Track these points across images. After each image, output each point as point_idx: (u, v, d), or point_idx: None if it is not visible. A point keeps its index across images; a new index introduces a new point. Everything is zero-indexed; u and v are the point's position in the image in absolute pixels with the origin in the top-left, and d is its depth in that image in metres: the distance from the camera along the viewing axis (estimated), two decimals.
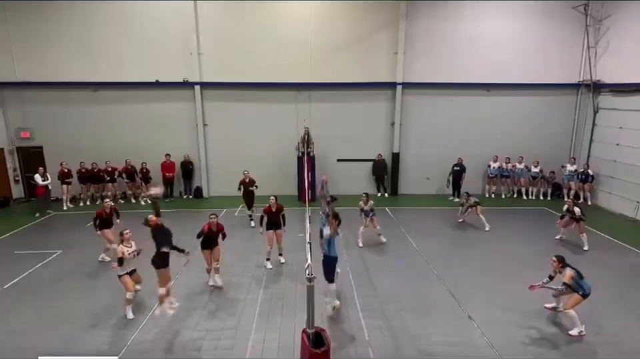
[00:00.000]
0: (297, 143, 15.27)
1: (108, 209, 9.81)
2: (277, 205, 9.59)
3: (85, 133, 15.56)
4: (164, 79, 15.27)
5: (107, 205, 9.91)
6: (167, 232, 7.58)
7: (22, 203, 15.58)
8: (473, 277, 9.14)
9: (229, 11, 15.03)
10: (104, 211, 9.74)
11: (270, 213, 9.50)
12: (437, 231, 12.18)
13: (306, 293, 5.45)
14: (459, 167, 15.49)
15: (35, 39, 14.78)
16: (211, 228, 8.39)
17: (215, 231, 8.43)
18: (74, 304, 7.90)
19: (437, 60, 15.60)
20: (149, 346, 6.57)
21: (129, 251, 7.44)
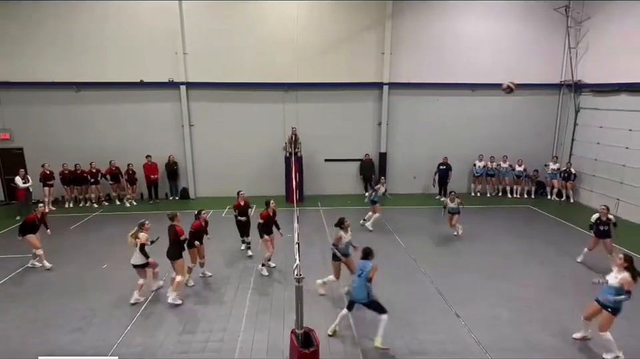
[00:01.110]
0: (285, 143, 15.23)
1: (39, 214, 9.53)
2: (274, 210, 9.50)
3: (67, 134, 15.24)
4: (149, 79, 15.06)
5: (40, 210, 9.64)
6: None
7: (2, 206, 15.18)
8: (460, 274, 9.25)
9: (215, 10, 14.91)
10: (35, 215, 9.47)
11: (269, 217, 9.19)
12: (424, 230, 12.30)
13: (295, 294, 5.44)
14: (445, 166, 15.67)
15: (13, 37, 14.40)
16: (202, 224, 8.53)
17: (204, 226, 8.61)
18: (57, 308, 7.73)
19: (423, 60, 15.76)
20: (135, 349, 6.47)
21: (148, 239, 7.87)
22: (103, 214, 14.04)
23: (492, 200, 15.95)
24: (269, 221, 9.15)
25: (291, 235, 8.92)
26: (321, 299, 8.07)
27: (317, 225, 12.74)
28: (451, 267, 9.60)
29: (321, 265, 9.68)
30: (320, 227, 12.49)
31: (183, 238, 7.97)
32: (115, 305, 7.80)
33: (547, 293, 8.32)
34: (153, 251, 8.01)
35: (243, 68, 15.22)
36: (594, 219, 9.21)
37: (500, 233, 12.12)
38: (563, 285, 8.63)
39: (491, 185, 16.52)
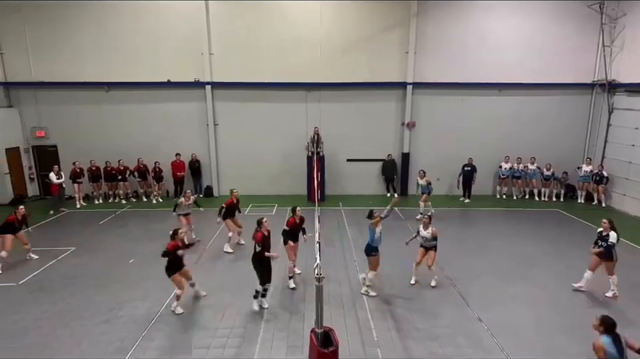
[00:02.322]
0: (307, 142, 15.29)
1: (20, 216, 9.57)
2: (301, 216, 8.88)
3: (97, 133, 15.81)
4: (175, 79, 15.42)
5: (21, 211, 9.63)
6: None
7: (37, 200, 15.89)
8: (483, 278, 9.06)
9: (240, 10, 15.11)
10: (16, 217, 9.50)
11: (295, 224, 8.67)
12: (446, 232, 12.06)
13: (315, 293, 5.45)
14: (470, 167, 15.35)
15: (50, 39, 15.06)
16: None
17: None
18: (86, 300, 8.03)
19: (448, 59, 15.49)
20: (159, 343, 6.65)
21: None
22: (130, 210, 14.48)
23: (518, 203, 15.52)
24: (295, 228, 8.67)
25: (312, 235, 8.96)
26: (341, 299, 8.06)
27: (337, 225, 12.74)
28: (475, 271, 9.41)
29: (341, 264, 9.69)
30: (341, 227, 12.48)
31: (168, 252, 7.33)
32: (140, 298, 8.04)
33: (573, 298, 8.07)
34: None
35: (266, 68, 15.37)
36: (598, 232, 8.28)
37: (526, 236, 11.78)
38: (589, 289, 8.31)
39: (517, 188, 16.07)
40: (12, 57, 15.20)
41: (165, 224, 12.58)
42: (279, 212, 14.02)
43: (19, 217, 9.47)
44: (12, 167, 15.35)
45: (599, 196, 14.91)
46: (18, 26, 14.91)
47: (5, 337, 6.82)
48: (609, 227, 7.99)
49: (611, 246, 7.83)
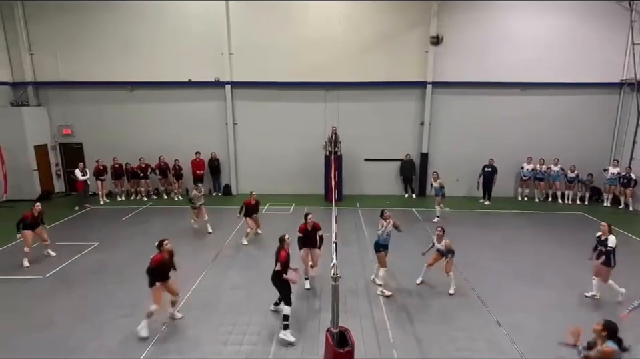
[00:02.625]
0: (324, 142, 15.30)
1: (36, 213, 9.69)
2: (314, 222, 8.46)
3: (121, 131, 16.23)
4: (196, 79, 15.68)
5: (37, 209, 9.70)
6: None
7: (63, 196, 16.43)
8: (502, 281, 8.88)
9: (259, 10, 15.22)
10: (32, 213, 9.59)
11: (305, 230, 8.41)
12: (465, 234, 11.90)
13: (331, 293, 5.46)
14: (490, 168, 15.06)
15: (77, 40, 15.53)
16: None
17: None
18: (108, 294, 8.25)
19: (468, 59, 15.24)
20: (177, 338, 6.77)
21: None
22: (151, 207, 14.81)
23: (540, 205, 15.15)
24: (305, 234, 8.41)
25: (328, 234, 8.97)
26: (358, 299, 8.05)
27: (354, 224, 12.71)
28: (494, 274, 9.24)
29: (357, 264, 9.67)
30: (358, 228, 12.45)
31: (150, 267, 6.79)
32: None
33: (595, 304, 7.83)
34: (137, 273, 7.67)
35: (285, 67, 15.45)
36: (597, 236, 8.01)
37: (548, 239, 11.50)
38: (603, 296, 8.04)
39: (539, 190, 15.68)
40: (41, 57, 15.75)
41: (185, 221, 12.86)
42: (295, 211, 14.08)
43: (34, 214, 9.61)
44: (40, 163, 15.91)
45: (626, 199, 14.42)
46: (47, 28, 15.45)
47: (31, 327, 7.08)
48: (607, 231, 7.77)
49: (610, 251, 7.60)
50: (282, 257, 6.78)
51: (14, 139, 15.11)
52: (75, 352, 6.38)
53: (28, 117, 15.41)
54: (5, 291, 8.40)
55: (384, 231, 8.16)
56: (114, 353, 6.37)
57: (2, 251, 10.51)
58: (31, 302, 7.94)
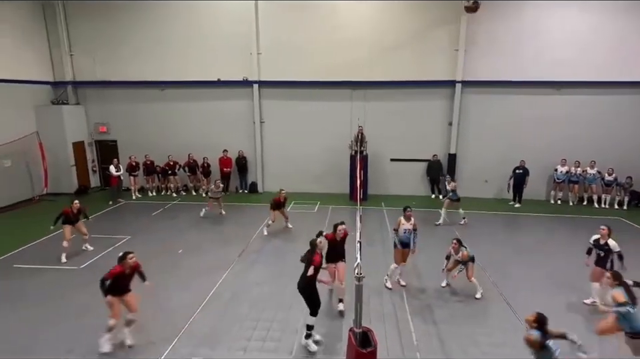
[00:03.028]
0: (350, 141, 15.27)
1: (75, 210, 10.00)
2: (345, 231, 7.69)
3: (152, 129, 16.79)
4: (225, 78, 15.98)
5: (75, 206, 10.02)
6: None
7: (98, 191, 17.15)
8: (532, 286, 8.61)
9: (288, 10, 15.34)
10: (71, 210, 9.93)
11: (334, 241, 7.62)
12: (494, 237, 11.61)
13: (354, 293, 5.46)
14: (522, 170, 14.59)
15: (113, 41, 16.18)
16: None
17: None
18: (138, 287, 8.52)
19: (500, 57, 14.81)
20: (203, 331, 6.94)
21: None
22: (180, 203, 15.23)
23: (575, 209, 14.54)
24: (334, 245, 7.60)
25: (353, 234, 8.95)
26: (381, 300, 8.00)
27: (379, 225, 12.63)
28: (523, 278, 8.96)
29: (382, 264, 9.59)
30: (383, 228, 12.36)
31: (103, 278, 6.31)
32: (187, 288, 8.45)
33: None
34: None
35: (312, 66, 15.51)
36: (592, 240, 7.75)
37: (582, 244, 10.95)
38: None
39: (573, 193, 15.05)
40: (80, 58, 16.49)
41: (212, 217, 13.16)
42: (320, 210, 14.14)
43: (74, 211, 10.01)
44: (77, 159, 16.68)
45: None
46: (86, 29, 16.17)
47: (68, 314, 7.47)
48: (607, 235, 7.45)
49: (619, 255, 7.32)
50: (316, 261, 6.25)
51: (54, 136, 15.92)
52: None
53: (67, 115, 16.18)
54: (45, 280, 8.86)
55: (400, 229, 8.28)
56: (143, 343, 6.58)
57: (42, 242, 11.10)
58: (68, 291, 8.35)
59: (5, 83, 14.32)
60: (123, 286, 6.45)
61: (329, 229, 11.80)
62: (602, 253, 7.51)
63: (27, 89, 15.34)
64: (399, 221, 8.42)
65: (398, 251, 8.45)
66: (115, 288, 6.35)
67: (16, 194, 14.81)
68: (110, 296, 6.29)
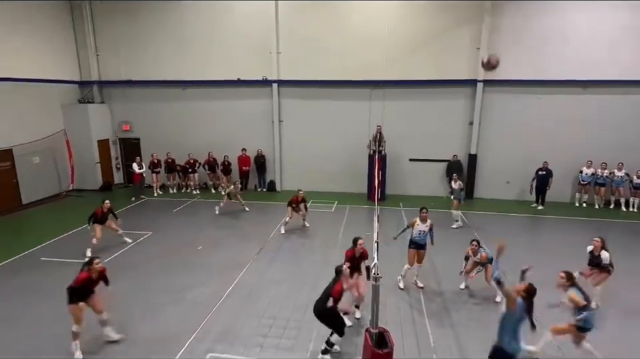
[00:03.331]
0: (369, 141, 15.20)
1: (105, 209, 10.33)
2: (363, 249, 7.37)
3: (174, 127, 17.12)
4: (245, 77, 16.14)
5: (106, 206, 10.35)
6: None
7: (121, 188, 17.61)
8: (553, 291, 8.35)
9: (308, 10, 15.37)
10: (102, 210, 10.28)
11: (352, 258, 7.28)
12: (515, 239, 11.34)
13: (371, 292, 5.44)
14: (545, 171, 14.22)
15: (137, 41, 16.56)
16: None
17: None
18: (158, 281, 8.76)
19: (524, 55, 14.44)
20: (220, 327, 7.04)
21: None
22: (200, 200, 15.48)
23: (601, 212, 14.07)
24: (352, 262, 7.16)
25: (370, 234, 8.93)
26: (398, 301, 7.95)
27: (397, 225, 12.50)
28: (545, 282, 8.64)
29: (398, 265, 9.52)
30: (400, 228, 12.21)
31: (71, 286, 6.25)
32: (206, 283, 8.59)
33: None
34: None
35: (331, 66, 15.50)
36: (588, 251, 7.85)
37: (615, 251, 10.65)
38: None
39: (599, 196, 14.58)
40: (106, 58, 16.96)
41: (231, 214, 13.34)
42: (337, 210, 14.14)
43: (104, 210, 10.37)
44: (102, 156, 17.15)
45: None
46: (111, 29, 16.61)
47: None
48: (600, 247, 7.55)
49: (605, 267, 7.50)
50: (336, 292, 5.90)
51: (80, 134, 16.42)
52: (130, 331, 6.84)
53: (93, 114, 16.66)
54: (69, 274, 9.13)
55: (415, 230, 8.27)
56: (162, 337, 6.74)
57: (68, 236, 11.48)
58: None
59: (35, 83, 14.85)
60: (89, 291, 6.39)
61: (345, 228, 11.87)
62: (598, 262, 7.65)
63: (56, 88, 15.88)
64: (414, 221, 8.42)
65: (411, 252, 8.41)
66: (81, 294, 6.27)
67: (44, 189, 15.35)
68: (73, 304, 6.17)
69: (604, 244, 7.62)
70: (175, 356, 6.25)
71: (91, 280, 6.39)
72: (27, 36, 14.54)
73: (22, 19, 14.30)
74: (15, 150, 14.04)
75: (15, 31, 14.04)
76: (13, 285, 8.60)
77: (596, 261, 7.61)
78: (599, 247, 7.61)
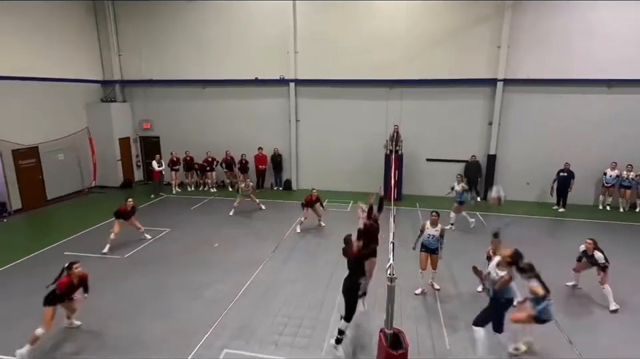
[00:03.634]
0: (386, 140, 15.10)
1: (129, 207, 10.58)
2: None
3: (193, 126, 17.39)
4: (262, 77, 16.26)
5: (129, 204, 10.60)
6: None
7: (141, 185, 17.99)
8: (575, 296, 8.17)
9: (325, 9, 15.38)
10: (125, 208, 10.52)
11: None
12: (535, 242, 11.08)
13: (386, 293, 5.42)
14: (567, 173, 13.86)
15: (158, 41, 16.90)
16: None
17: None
18: (176, 277, 8.92)
19: (546, 54, 14.12)
20: (236, 325, 7.13)
21: None
22: (217, 198, 15.68)
23: (626, 216, 13.63)
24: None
25: (385, 235, 8.87)
26: (413, 302, 7.90)
27: (412, 225, 12.42)
28: (569, 291, 8.52)
29: (414, 265, 9.43)
30: (416, 228, 12.10)
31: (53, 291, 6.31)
32: (222, 281, 8.71)
33: None
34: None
35: (348, 65, 15.47)
36: (580, 251, 8.18)
37: (634, 254, 10.33)
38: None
39: (625, 199, 14.12)
40: (127, 57, 17.35)
41: (247, 213, 13.47)
42: (353, 209, 14.09)
43: (128, 209, 10.64)
44: (123, 154, 17.56)
45: None
46: (133, 30, 16.99)
47: (109, 300, 7.91)
48: (592, 248, 7.84)
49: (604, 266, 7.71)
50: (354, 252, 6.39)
51: (103, 132, 16.85)
52: (148, 325, 7.00)
53: (115, 112, 17.08)
54: (90, 268, 9.38)
55: (425, 234, 8.20)
56: (179, 332, 6.87)
57: (90, 232, 11.80)
58: (111, 278, 8.84)
59: (61, 82, 15.30)
60: (69, 295, 6.49)
61: None
62: (590, 263, 7.97)
63: (80, 88, 16.33)
64: (423, 224, 8.32)
65: (422, 255, 8.25)
66: (61, 298, 6.36)
67: (67, 186, 15.81)
68: (49, 306, 6.17)
69: (596, 245, 7.90)
70: (191, 351, 6.36)
71: (72, 285, 6.46)
72: (53, 37, 15.00)
73: (48, 21, 14.76)
74: (40, 147, 14.50)
75: (42, 32, 14.50)
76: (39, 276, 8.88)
77: (590, 261, 7.93)
78: (591, 249, 7.87)
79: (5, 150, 13.28)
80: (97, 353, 6.32)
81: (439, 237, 8.13)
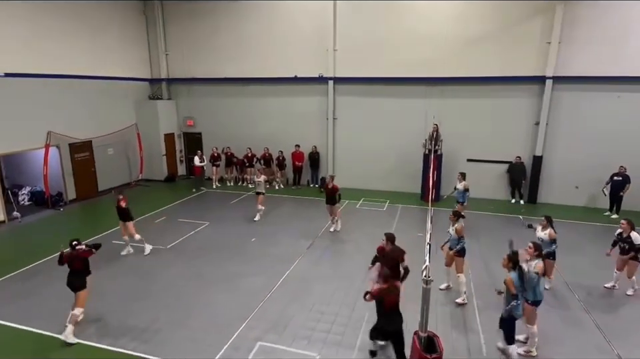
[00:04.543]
0: (425, 139, 14.79)
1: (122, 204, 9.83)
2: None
3: (233, 123, 17.86)
4: (301, 75, 16.41)
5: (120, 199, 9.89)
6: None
7: (184, 179, 18.73)
8: (628, 308, 7.65)
9: (365, 7, 15.24)
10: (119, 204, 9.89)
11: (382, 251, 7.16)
12: (582, 249, 10.51)
13: (421, 295, 5.33)
14: (621, 177, 12.95)
15: (201, 40, 17.49)
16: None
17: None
18: (214, 268, 9.23)
19: (601, 50, 13.21)
20: (270, 318, 7.27)
21: None
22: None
23: None
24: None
25: (422, 235, 8.71)
26: (450, 306, 7.71)
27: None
28: (616, 298, 8.00)
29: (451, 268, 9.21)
30: None
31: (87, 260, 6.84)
32: (258, 274, 8.92)
33: None
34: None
35: (387, 63, 15.28)
36: (616, 234, 8.01)
37: None
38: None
39: None
40: (173, 56, 18.11)
41: (283, 209, 13.66)
42: (389, 209, 13.95)
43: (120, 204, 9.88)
44: (167, 149, 18.34)
45: None
46: (179, 30, 17.70)
47: (153, 289, 8.33)
48: (628, 228, 7.67)
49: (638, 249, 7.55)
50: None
51: (150, 128, 17.69)
52: (184, 315, 7.30)
53: (161, 109, 17.88)
54: (134, 256, 9.96)
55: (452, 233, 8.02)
56: (215, 323, 7.11)
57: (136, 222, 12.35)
58: (155, 266, 9.32)
59: (113, 80, 16.22)
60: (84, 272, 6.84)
61: (397, 228, 11.66)
62: (626, 245, 7.75)
63: (130, 85, 17.23)
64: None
65: (445, 249, 8.32)
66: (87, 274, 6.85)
67: (117, 179, 16.73)
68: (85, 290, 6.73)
69: (632, 225, 7.72)
70: (226, 342, 6.56)
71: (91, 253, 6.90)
72: (107, 39, 15.91)
73: (105, 24, 15.69)
74: (94, 142, 15.45)
75: (99, 34, 15.43)
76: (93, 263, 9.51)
77: (626, 242, 7.70)
78: (627, 228, 7.71)
79: (63, 144, 14.25)
80: (137, 338, 6.66)
81: (458, 239, 7.89)
